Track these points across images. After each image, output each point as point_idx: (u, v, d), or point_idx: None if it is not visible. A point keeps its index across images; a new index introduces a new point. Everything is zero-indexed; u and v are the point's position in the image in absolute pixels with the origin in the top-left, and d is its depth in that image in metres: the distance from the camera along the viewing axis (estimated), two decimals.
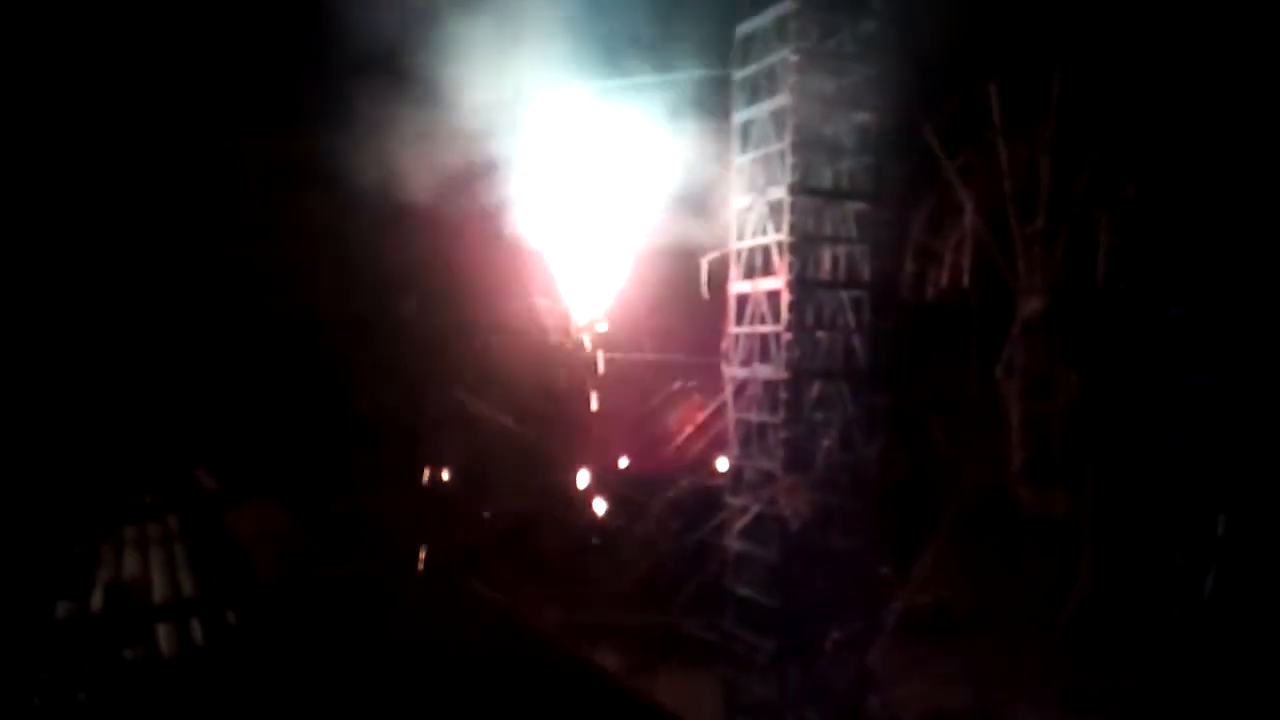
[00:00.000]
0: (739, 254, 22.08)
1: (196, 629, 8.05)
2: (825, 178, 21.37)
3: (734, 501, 21.96)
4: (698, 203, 23.45)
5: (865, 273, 21.63)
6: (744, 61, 21.80)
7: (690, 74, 23.50)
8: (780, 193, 20.73)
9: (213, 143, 27.00)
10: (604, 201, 26.07)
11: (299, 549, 11.87)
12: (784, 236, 20.65)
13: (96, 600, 8.98)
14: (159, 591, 9.21)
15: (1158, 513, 18.99)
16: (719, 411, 23.02)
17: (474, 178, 24.31)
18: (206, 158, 27.08)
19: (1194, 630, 17.95)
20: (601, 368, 27.29)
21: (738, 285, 22.10)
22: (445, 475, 27.27)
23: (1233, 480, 17.86)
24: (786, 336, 20.60)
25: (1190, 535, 18.27)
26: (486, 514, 27.02)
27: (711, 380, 23.18)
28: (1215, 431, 18.09)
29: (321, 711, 6.14)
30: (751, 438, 21.63)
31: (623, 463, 27.42)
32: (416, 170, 23.28)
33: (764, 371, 21.16)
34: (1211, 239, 18.47)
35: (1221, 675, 17.58)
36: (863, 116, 21.28)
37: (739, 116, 21.99)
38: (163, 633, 7.87)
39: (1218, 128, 18.23)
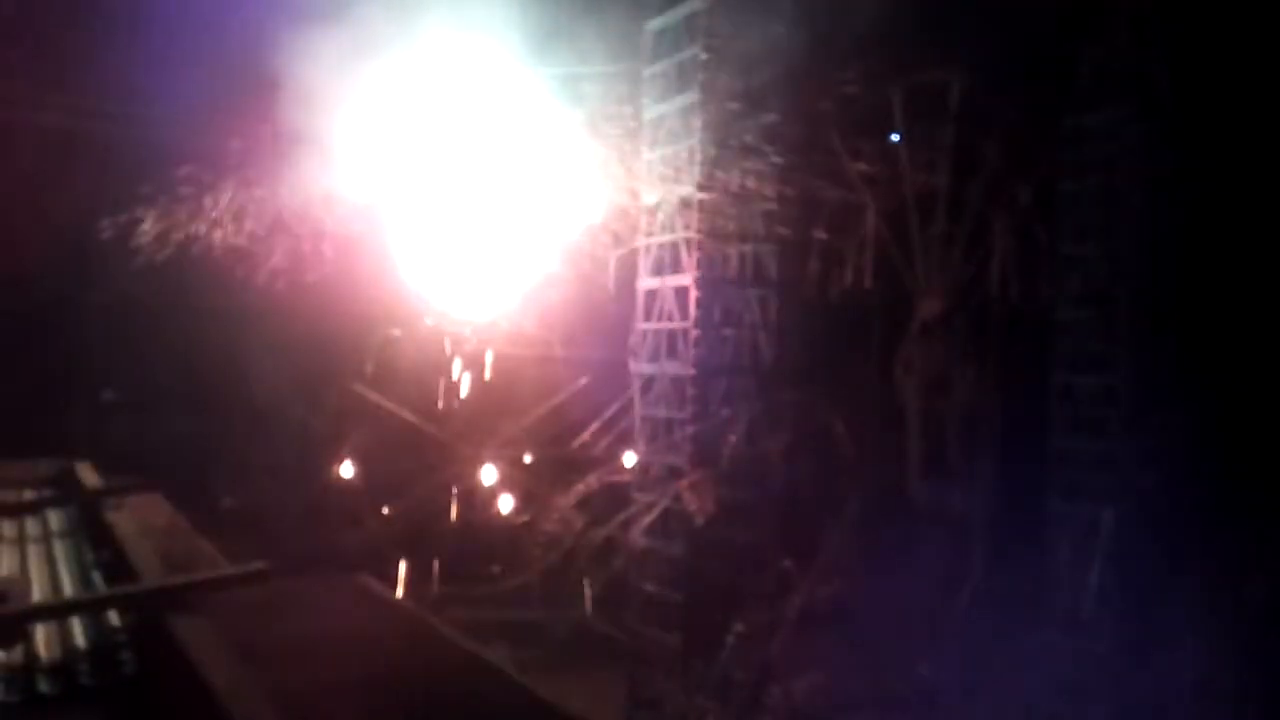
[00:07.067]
0: (647, 250, 22.10)
1: (77, 630, 7.60)
2: (733, 176, 21.54)
3: (641, 497, 21.97)
4: (606, 198, 23.34)
5: (772, 271, 21.90)
6: (654, 57, 21.83)
7: (600, 68, 23.37)
8: (689, 189, 20.83)
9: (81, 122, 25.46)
10: (510, 197, 25.71)
11: (187, 547, 11.40)
12: (692, 233, 20.77)
13: None
14: (38, 591, 8.70)
15: (1046, 508, 19.71)
16: (626, 407, 23.00)
17: (371, 168, 23.70)
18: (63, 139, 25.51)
19: (1079, 620, 18.68)
20: (505, 363, 26.93)
21: (646, 281, 22.12)
22: (345, 470, 26.57)
23: (1116, 477, 18.65)
24: (694, 333, 20.73)
25: (1076, 530, 19.01)
26: (387, 510, 26.42)
27: (619, 376, 23.13)
28: (1100, 431, 18.86)
29: (211, 713, 5.85)
30: (658, 433, 21.69)
31: (528, 458, 27.16)
32: (311, 158, 22.58)
33: (671, 368, 21.24)
34: (1101, 245, 19.25)
35: (1105, 661, 18.36)
36: (771, 116, 21.52)
37: (649, 112, 22.02)
38: (41, 634, 7.41)
39: (1109, 136, 19.00)
